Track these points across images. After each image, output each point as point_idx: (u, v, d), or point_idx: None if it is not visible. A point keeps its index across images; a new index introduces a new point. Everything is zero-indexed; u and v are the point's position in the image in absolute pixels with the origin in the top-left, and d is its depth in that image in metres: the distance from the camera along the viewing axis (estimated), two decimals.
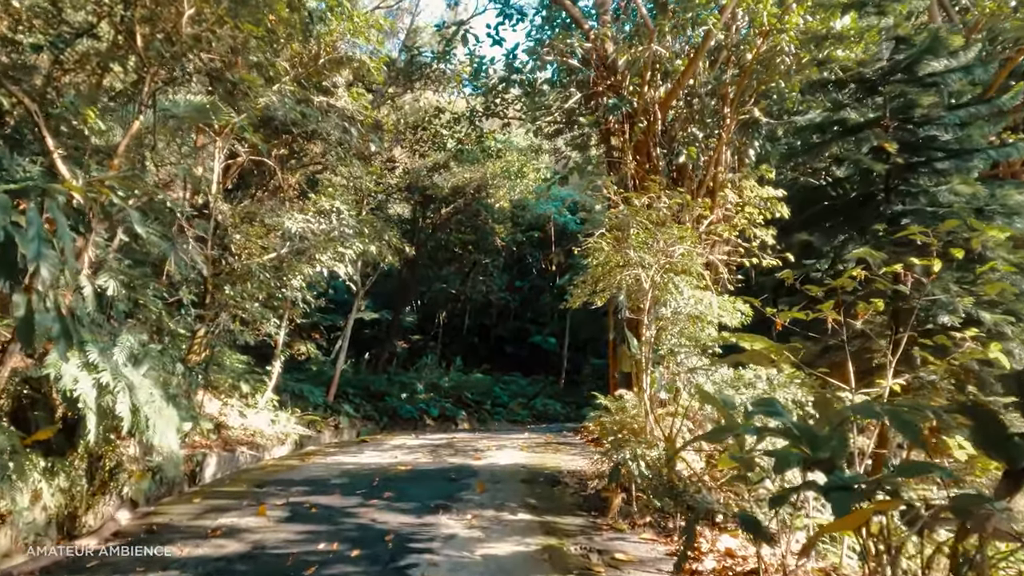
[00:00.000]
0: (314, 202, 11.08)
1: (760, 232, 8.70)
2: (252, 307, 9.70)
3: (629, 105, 12.21)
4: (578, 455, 9.29)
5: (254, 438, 10.38)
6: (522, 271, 30.45)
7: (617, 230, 9.06)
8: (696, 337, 8.98)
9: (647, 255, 8.41)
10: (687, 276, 9.12)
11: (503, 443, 10.81)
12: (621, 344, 13.83)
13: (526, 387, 23.45)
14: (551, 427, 16.75)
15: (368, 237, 11.48)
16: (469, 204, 22.75)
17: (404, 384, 19.05)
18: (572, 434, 12.78)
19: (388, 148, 18.81)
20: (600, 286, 9.62)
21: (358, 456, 9.22)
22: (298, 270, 10.31)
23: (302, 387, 14.38)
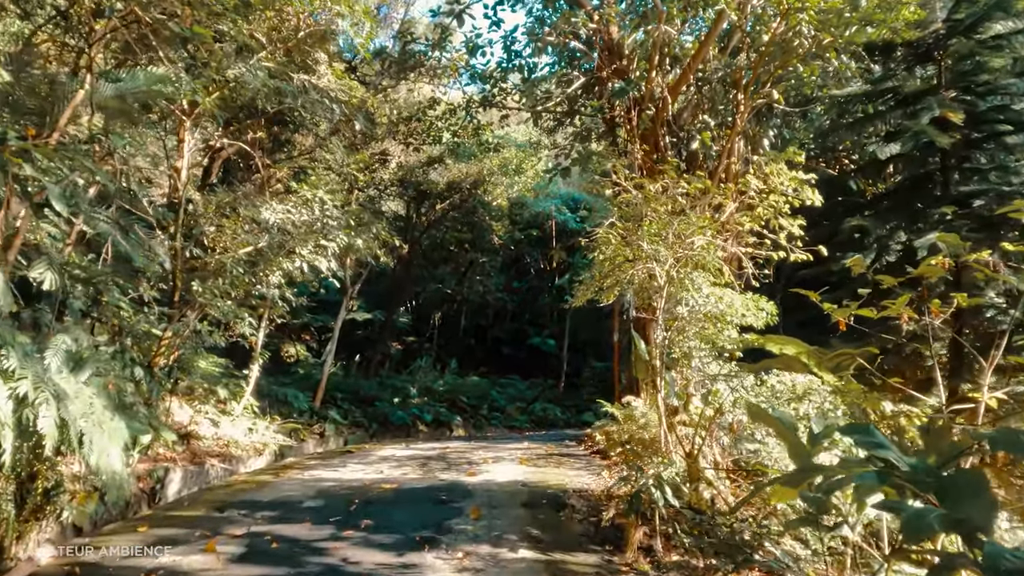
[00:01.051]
0: (295, 191, 10.18)
1: (786, 223, 7.81)
2: (224, 305, 8.78)
3: (637, 89, 11.33)
4: (583, 469, 8.39)
5: (228, 449, 9.47)
6: (520, 271, 29.53)
7: (627, 220, 8.17)
8: (715, 339, 8.10)
9: (662, 247, 7.52)
10: (704, 271, 8.25)
11: (500, 454, 9.90)
12: (628, 346, 12.95)
13: (524, 391, 22.54)
14: (551, 435, 15.84)
15: (354, 230, 10.58)
16: (465, 200, 21.85)
17: (396, 388, 18.13)
18: (575, 443, 11.87)
19: (381, 140, 17.93)
20: (607, 282, 8.72)
21: (340, 471, 8.31)
22: (276, 265, 9.40)
23: (286, 392, 13.46)
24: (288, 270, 9.37)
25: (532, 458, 9.45)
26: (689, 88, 12.80)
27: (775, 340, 6.86)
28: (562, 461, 9.11)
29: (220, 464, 8.77)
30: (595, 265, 8.86)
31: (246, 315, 9.25)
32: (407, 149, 19.69)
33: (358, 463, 8.99)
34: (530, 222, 27.84)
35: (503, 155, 25.37)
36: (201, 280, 8.74)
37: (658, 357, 7.43)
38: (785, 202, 7.81)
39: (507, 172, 26.15)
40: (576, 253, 28.28)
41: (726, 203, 8.10)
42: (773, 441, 8.12)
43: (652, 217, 7.95)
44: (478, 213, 22.89)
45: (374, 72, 20.45)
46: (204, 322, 9.48)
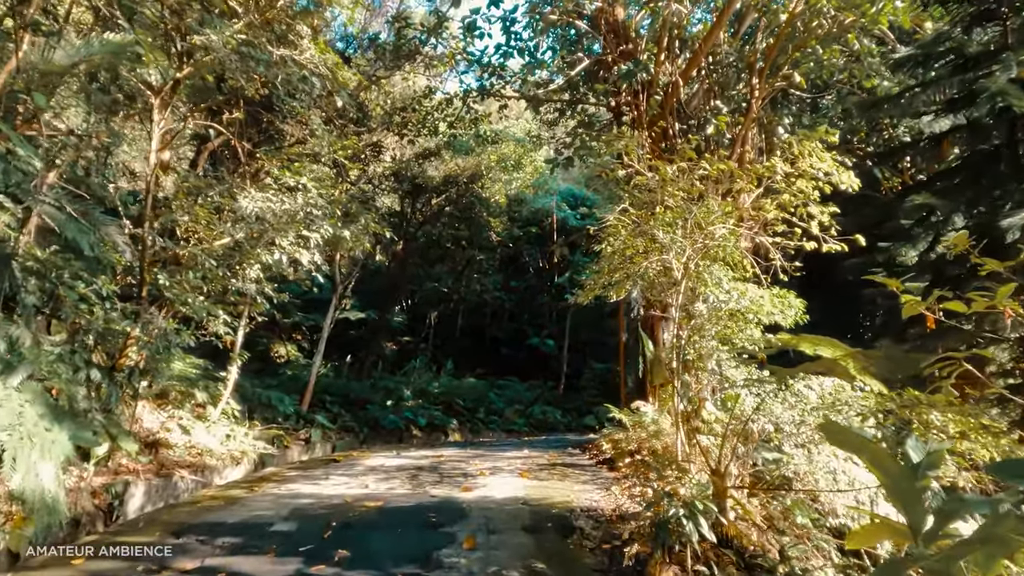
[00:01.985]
0: (276, 178, 9.37)
1: (816, 210, 7.02)
2: (195, 301, 7.98)
3: (645, 71, 10.54)
4: (590, 483, 7.60)
5: (201, 459, 8.66)
6: (518, 270, 28.72)
7: (639, 207, 7.37)
8: (736, 339, 7.31)
9: (679, 237, 6.73)
10: (723, 264, 7.46)
11: (498, 464, 9.11)
12: (634, 347, 12.16)
13: (523, 393, 21.71)
14: (552, 440, 15.04)
15: (342, 220, 9.78)
16: (462, 195, 21.05)
17: (389, 390, 17.31)
18: (578, 451, 11.08)
19: (373, 130, 17.14)
20: (616, 277, 7.93)
21: (320, 484, 7.51)
22: (254, 258, 8.60)
23: (270, 395, 12.63)
24: (267, 263, 8.56)
25: (533, 469, 8.66)
26: (700, 72, 12.03)
27: (810, 341, 6.07)
28: (566, 473, 8.32)
29: (191, 476, 7.97)
30: (602, 258, 8.07)
31: (220, 312, 8.44)
32: (401, 141, 18.90)
33: (342, 475, 8.18)
34: (529, 219, 27.05)
35: (501, 150, 24.61)
36: (170, 274, 7.94)
37: (674, 358, 6.64)
38: (815, 187, 7.03)
39: (506, 168, 25.40)
40: (577, 251, 27.50)
41: (748, 189, 7.31)
42: (797, 451, 7.35)
43: (668, 203, 7.17)
44: (475, 209, 22.10)
45: (367, 62, 19.69)
46: (173, 320, 8.69)
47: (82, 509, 6.10)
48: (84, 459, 6.79)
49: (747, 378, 7.03)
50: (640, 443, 8.91)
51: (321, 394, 14.77)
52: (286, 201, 9.09)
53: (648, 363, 11.18)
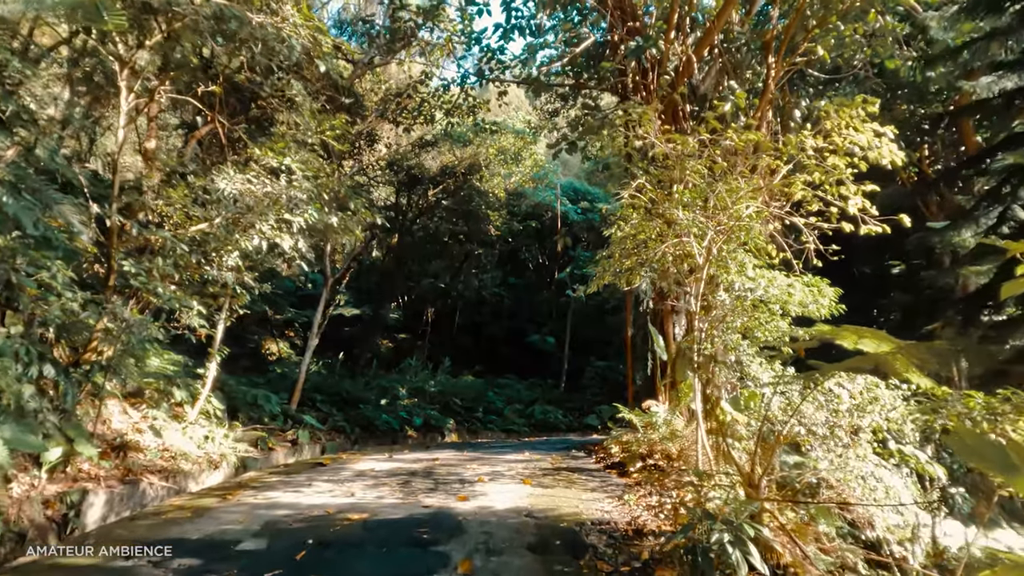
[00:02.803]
0: (258, 159, 8.66)
1: (848, 191, 6.29)
2: (165, 291, 7.26)
3: (655, 45, 9.82)
4: (600, 491, 6.90)
5: (175, 463, 7.95)
6: (517, 266, 28.00)
7: (655, 186, 6.66)
8: (763, 332, 6.61)
9: (700, 218, 6.03)
10: (746, 249, 6.76)
11: (498, 469, 8.41)
12: (643, 342, 11.46)
13: (522, 392, 21.00)
14: (554, 442, 14.34)
15: (329, 206, 9.08)
16: (460, 187, 20.33)
17: (384, 389, 16.60)
18: (584, 454, 10.38)
19: (366, 115, 16.41)
20: (627, 264, 7.22)
21: (302, 492, 6.80)
22: (231, 244, 7.88)
23: (256, 393, 11.90)
24: (247, 250, 7.85)
25: (536, 474, 7.95)
26: (712, 51, 11.33)
27: (851, 333, 5.36)
28: (572, 479, 7.61)
29: (161, 482, 7.26)
30: (612, 243, 7.35)
31: (194, 303, 7.72)
32: (397, 129, 18.19)
33: (327, 480, 7.47)
34: (529, 213, 26.35)
35: (500, 142, 23.89)
36: (137, 260, 7.22)
37: (696, 353, 5.94)
38: (848, 164, 6.31)
39: (505, 160, 24.69)
40: (578, 246, 26.83)
41: (775, 165, 6.59)
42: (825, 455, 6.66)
43: (687, 180, 6.46)
44: (473, 202, 21.37)
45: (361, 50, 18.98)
46: (145, 312, 7.97)
47: (30, 521, 5.39)
48: (36, 465, 6.10)
49: (775, 376, 6.33)
50: (652, 446, 8.22)
51: (312, 393, 14.06)
52: (268, 184, 8.38)
53: (657, 359, 10.49)
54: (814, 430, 6.30)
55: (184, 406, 9.36)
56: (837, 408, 6.60)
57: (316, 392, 14.23)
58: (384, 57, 18.28)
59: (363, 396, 15.10)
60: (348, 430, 13.12)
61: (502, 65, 15.19)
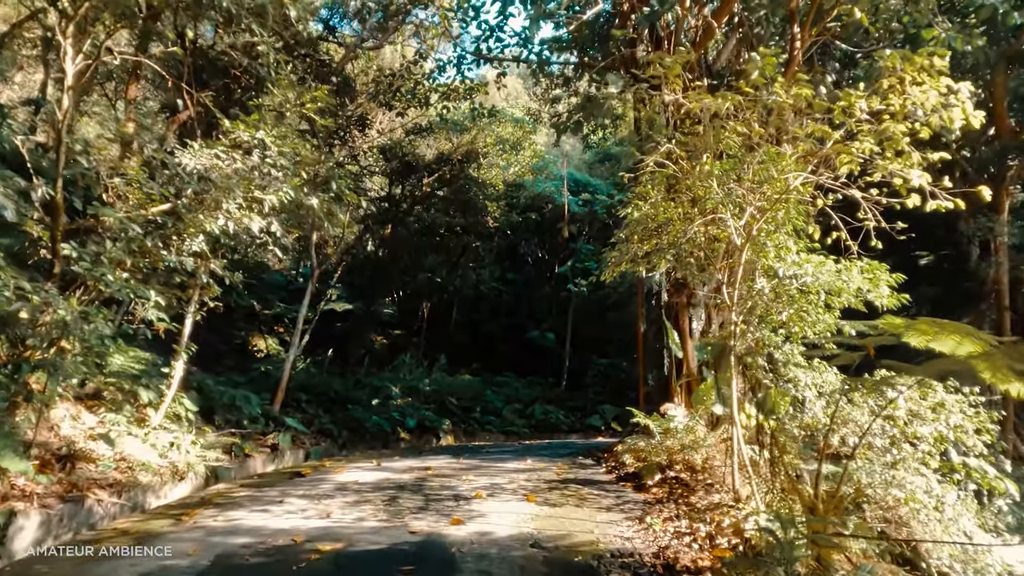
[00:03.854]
0: (228, 131, 7.70)
1: (904, 164, 5.32)
2: (115, 279, 6.30)
3: (670, 9, 8.86)
4: (616, 508, 5.97)
5: (132, 474, 7.02)
6: (516, 262, 26.97)
7: (681, 156, 5.70)
8: (807, 325, 5.68)
9: (738, 191, 5.08)
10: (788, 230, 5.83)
11: (497, 480, 7.48)
12: (655, 339, 10.52)
13: (521, 391, 20.06)
14: (557, 445, 13.40)
15: (309, 185, 8.12)
16: (456, 175, 19.34)
17: (376, 388, 15.64)
18: (591, 461, 9.46)
19: (356, 99, 15.46)
20: (647, 247, 6.28)
21: (271, 511, 5.86)
22: (194, 226, 6.92)
23: (235, 394, 10.94)
24: (211, 232, 6.89)
25: (541, 488, 7.02)
26: (732, 20, 10.37)
27: (924, 327, 4.45)
28: (582, 494, 6.68)
29: (111, 498, 6.33)
30: (629, 225, 6.41)
31: (151, 293, 6.76)
32: (389, 113, 17.21)
33: (303, 496, 6.54)
34: (529, 204, 25.38)
35: (499, 131, 22.92)
36: (81, 243, 6.26)
37: (731, 351, 5.00)
38: (907, 130, 5.35)
39: (504, 150, 23.73)
40: (579, 238, 25.87)
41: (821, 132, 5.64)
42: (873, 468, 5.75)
43: (719, 149, 5.52)
44: (471, 192, 20.39)
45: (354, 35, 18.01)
46: (74, 299, 7.01)
47: None
48: None
49: (843, 381, 5.40)
50: (671, 455, 7.29)
51: (297, 392, 13.12)
52: (237, 159, 7.42)
53: (673, 358, 9.57)
54: (871, 440, 5.39)
55: (150, 409, 8.42)
56: (892, 414, 5.69)
57: (302, 392, 13.28)
58: (378, 39, 17.32)
59: (353, 396, 14.16)
60: (335, 433, 12.18)
61: (501, 43, 14.24)
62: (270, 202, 6.81)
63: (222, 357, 17.41)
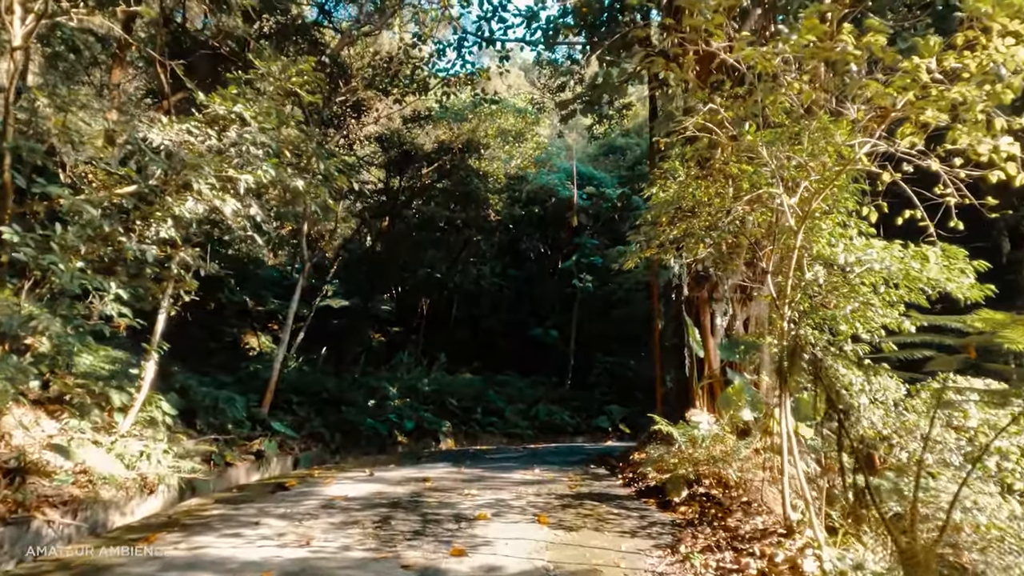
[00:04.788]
0: (202, 105, 6.89)
1: (997, 127, 4.50)
2: (67, 267, 5.50)
3: None
4: (641, 532, 5.17)
5: (94, 489, 6.24)
6: (518, 257, 26.09)
7: (719, 125, 4.88)
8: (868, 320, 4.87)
9: (797, 159, 4.27)
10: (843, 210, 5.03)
11: (503, 495, 6.68)
12: (674, 336, 9.71)
13: (524, 390, 19.24)
14: (564, 450, 12.60)
15: (294, 165, 7.32)
16: (456, 166, 18.51)
17: (372, 388, 14.85)
18: (604, 470, 8.67)
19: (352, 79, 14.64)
20: (676, 232, 5.46)
21: (243, 536, 5.07)
22: (164, 209, 6.11)
23: (219, 395, 10.15)
24: (181, 215, 6.08)
25: (552, 505, 6.22)
26: None
27: None
28: (601, 513, 5.88)
29: (65, 519, 5.55)
30: (654, 207, 5.59)
31: (112, 285, 5.96)
32: (386, 100, 16.38)
33: (282, 516, 5.74)
34: (531, 198, 24.54)
35: (500, 123, 22.09)
36: (26, 227, 5.45)
37: (800, 352, 4.20)
38: (986, 94, 4.53)
39: (506, 141, 22.91)
40: (584, 233, 25.02)
41: (883, 99, 4.81)
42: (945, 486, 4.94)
43: (766, 115, 4.70)
44: (472, 183, 19.56)
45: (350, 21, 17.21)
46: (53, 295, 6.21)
47: None
48: None
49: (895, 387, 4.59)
50: (698, 467, 6.48)
51: (288, 393, 12.32)
52: (212, 135, 6.61)
53: (694, 357, 8.76)
54: (948, 457, 4.59)
55: (118, 415, 7.63)
56: (963, 425, 4.88)
57: (293, 392, 12.49)
58: (375, 23, 16.50)
59: (348, 397, 13.36)
60: (328, 437, 11.39)
61: (505, 24, 13.43)
62: (246, 182, 5.99)
63: (212, 355, 16.61)
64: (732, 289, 8.96)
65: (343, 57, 15.65)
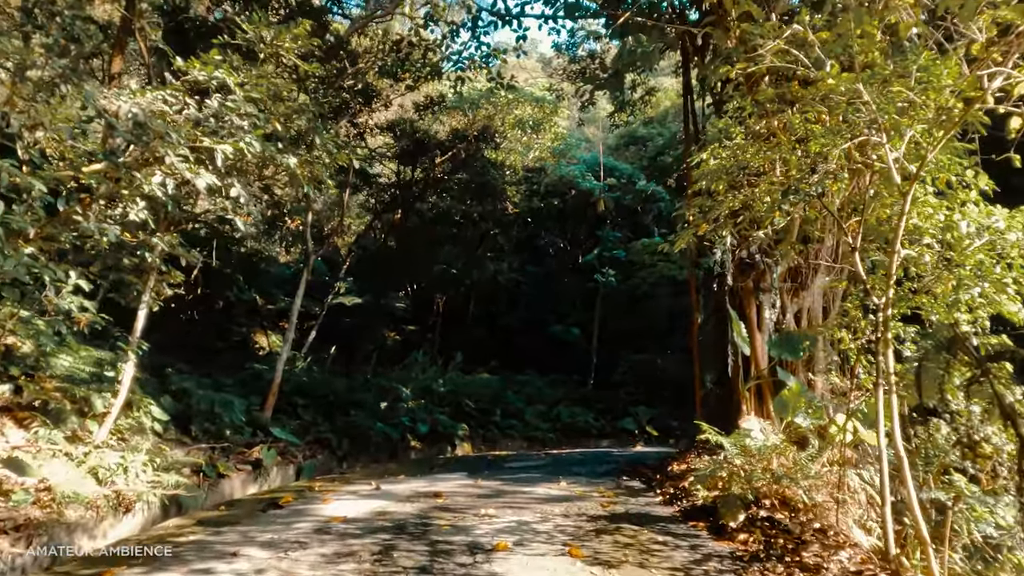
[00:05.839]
0: (180, 71, 6.06)
1: None
2: (14, 255, 4.68)
3: None
4: (694, 570, 4.22)
5: (58, 510, 5.46)
6: (536, 252, 25.06)
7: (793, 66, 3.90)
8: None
9: (909, 97, 3.28)
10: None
11: (526, 517, 5.76)
12: (716, 331, 8.71)
13: (544, 390, 18.28)
14: (592, 459, 11.62)
15: (285, 139, 6.46)
16: (472, 155, 17.60)
17: (384, 389, 13.99)
18: (639, 483, 7.72)
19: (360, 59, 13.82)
20: (735, 202, 4.48)
21: (215, 573, 4.20)
22: (132, 186, 5.27)
23: (215, 399, 9.36)
24: (152, 193, 5.24)
25: (584, 528, 5.29)
26: None
27: None
28: (643, 541, 4.93)
29: (15, 548, 4.75)
30: (706, 176, 4.61)
31: (71, 275, 5.14)
32: (396, 85, 15.52)
33: (267, 543, 4.87)
34: (550, 190, 23.56)
35: (518, 113, 21.19)
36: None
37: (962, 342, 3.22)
38: None
39: (523, 130, 22.01)
40: (604, 226, 23.99)
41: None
42: None
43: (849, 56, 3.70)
44: (488, 175, 18.64)
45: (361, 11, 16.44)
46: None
47: None
48: None
49: None
50: (755, 484, 5.50)
51: (293, 395, 11.53)
52: (191, 104, 5.77)
53: (739, 355, 7.77)
54: None
55: (92, 423, 6.84)
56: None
57: (299, 395, 11.69)
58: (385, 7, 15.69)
59: (357, 399, 12.53)
60: (334, 443, 10.54)
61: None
62: (223, 152, 5.13)
63: (219, 354, 15.91)
64: (781, 278, 7.96)
65: (353, 45, 14.88)
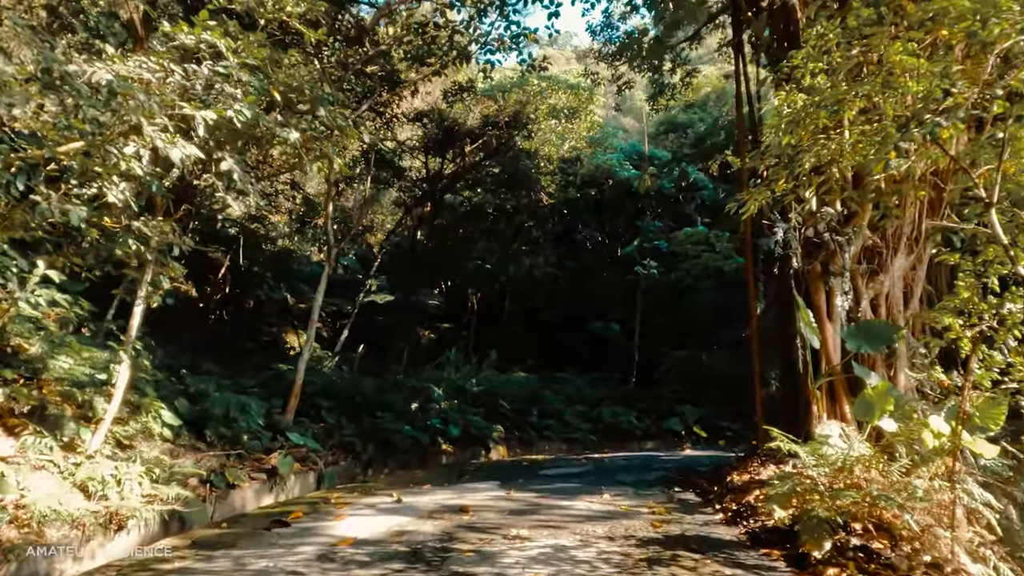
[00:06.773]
0: (167, 36, 5.40)
1: None
2: None
3: None
4: None
5: (38, 529, 4.87)
6: (573, 246, 24.06)
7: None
8: None
9: None
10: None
11: (563, 540, 4.90)
12: (778, 322, 7.65)
13: (584, 389, 17.33)
14: (637, 464, 10.68)
15: (287, 111, 5.75)
16: (503, 144, 16.79)
17: (415, 390, 13.26)
18: (693, 495, 6.78)
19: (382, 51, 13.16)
20: (828, 150, 3.54)
21: None
22: (107, 162, 4.61)
23: (230, 402, 8.76)
24: (130, 169, 4.56)
25: (633, 557, 4.41)
26: None
27: None
28: (703, 574, 4.02)
29: None
30: (784, 126, 3.68)
31: (40, 264, 4.50)
32: (425, 71, 14.80)
33: (263, 569, 4.14)
34: (586, 180, 22.57)
35: (551, 102, 20.33)
36: None
37: None
38: None
39: (558, 119, 21.15)
40: (643, 216, 22.91)
41: None
42: None
43: None
44: (521, 163, 17.81)
45: None
46: None
47: None
48: None
49: None
50: (841, 502, 4.53)
51: (317, 397, 10.91)
52: (176, 70, 5.09)
53: (807, 349, 6.75)
54: None
55: (85, 431, 6.26)
56: None
57: (323, 396, 11.06)
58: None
59: (386, 400, 11.83)
60: (359, 448, 9.85)
61: None
62: (204, 120, 4.42)
63: (248, 355, 15.51)
64: (854, 259, 6.91)
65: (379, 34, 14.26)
